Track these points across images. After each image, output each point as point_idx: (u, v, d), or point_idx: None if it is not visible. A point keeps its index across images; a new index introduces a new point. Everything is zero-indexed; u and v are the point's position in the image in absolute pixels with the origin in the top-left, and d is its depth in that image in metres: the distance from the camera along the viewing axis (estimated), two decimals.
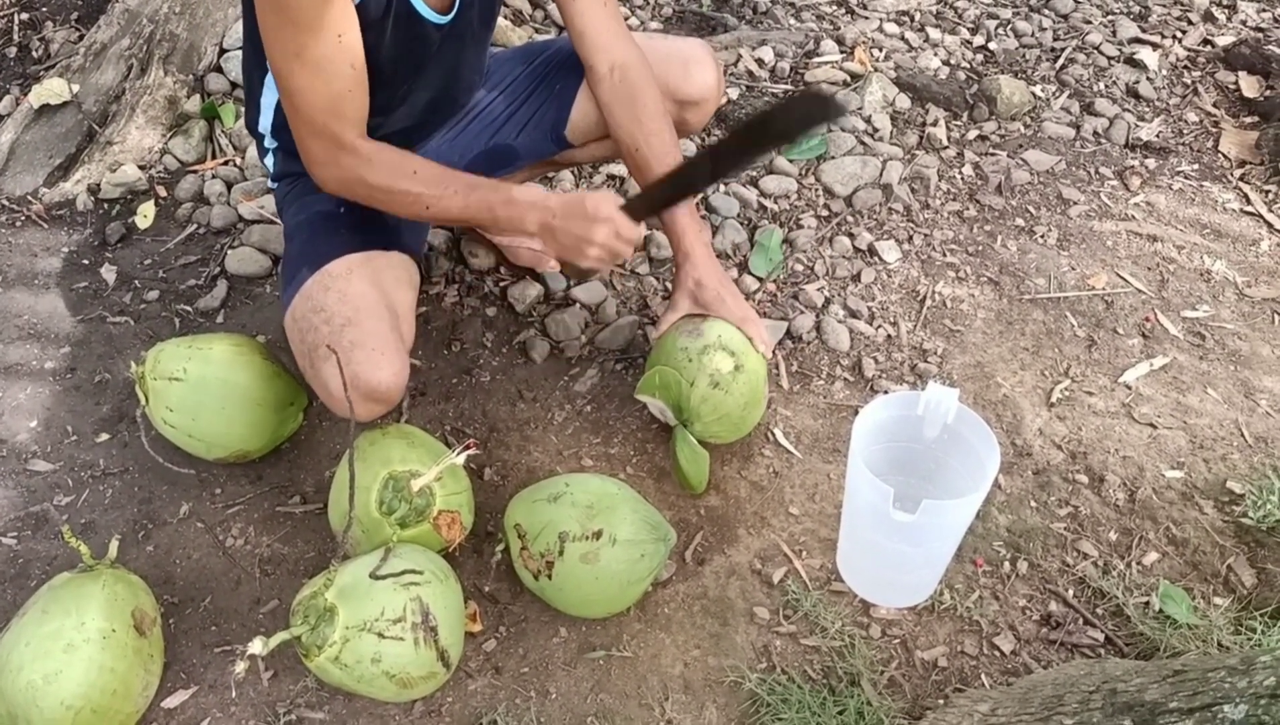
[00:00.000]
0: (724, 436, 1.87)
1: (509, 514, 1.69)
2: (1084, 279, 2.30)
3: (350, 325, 1.61)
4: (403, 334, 1.68)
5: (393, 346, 1.62)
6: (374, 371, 1.59)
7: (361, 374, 1.58)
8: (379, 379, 1.59)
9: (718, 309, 1.84)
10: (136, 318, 2.20)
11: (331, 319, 1.62)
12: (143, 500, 1.88)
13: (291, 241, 1.80)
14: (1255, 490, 1.85)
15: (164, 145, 2.57)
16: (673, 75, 1.88)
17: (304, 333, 1.65)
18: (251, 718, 1.59)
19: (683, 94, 1.90)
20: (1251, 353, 2.14)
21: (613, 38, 1.77)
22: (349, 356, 1.58)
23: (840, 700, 1.57)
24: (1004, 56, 2.92)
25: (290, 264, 1.75)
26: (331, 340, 1.59)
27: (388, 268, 1.72)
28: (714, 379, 1.77)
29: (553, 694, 1.62)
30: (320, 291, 1.65)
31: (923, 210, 2.45)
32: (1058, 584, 1.75)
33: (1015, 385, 2.06)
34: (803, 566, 1.77)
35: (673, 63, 1.88)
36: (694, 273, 1.85)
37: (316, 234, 1.74)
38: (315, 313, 1.64)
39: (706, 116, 1.98)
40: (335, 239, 1.71)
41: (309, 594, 1.47)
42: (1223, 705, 1.15)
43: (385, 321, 1.64)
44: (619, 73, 1.78)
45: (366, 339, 1.60)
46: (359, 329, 1.61)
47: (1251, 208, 2.50)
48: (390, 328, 1.64)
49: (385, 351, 1.61)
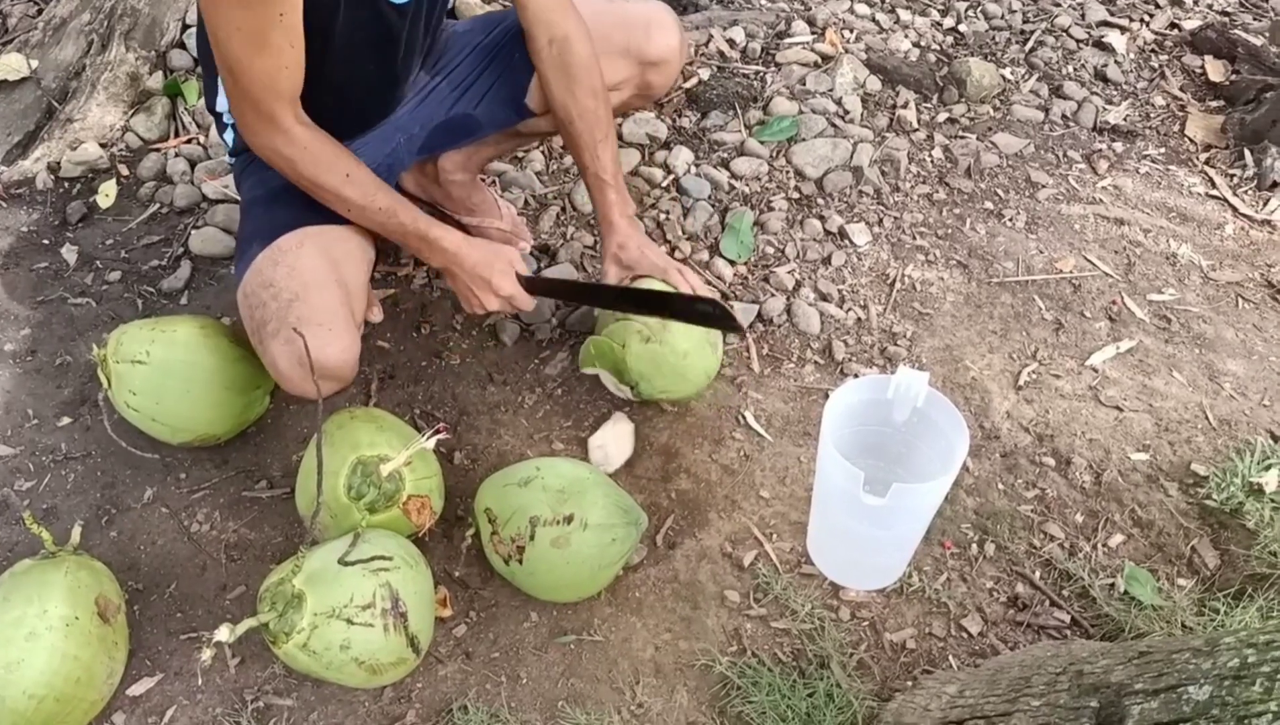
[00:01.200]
0: (675, 390, 1.88)
1: (479, 498, 1.68)
2: (1052, 262, 2.31)
3: (298, 301, 1.59)
4: (354, 309, 1.67)
5: (341, 321, 1.61)
6: (321, 347, 1.57)
7: (310, 350, 1.56)
8: (327, 355, 1.58)
9: (641, 266, 1.86)
10: (98, 299, 2.17)
11: (279, 295, 1.60)
12: (106, 485, 1.86)
13: (246, 216, 1.78)
14: (1219, 473, 1.88)
15: (126, 123, 2.53)
16: (635, 37, 1.89)
17: (253, 308, 1.64)
18: (218, 705, 1.58)
19: (646, 55, 1.90)
20: (1216, 336, 2.17)
21: (555, 11, 1.76)
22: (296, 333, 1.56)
23: (810, 682, 1.58)
24: (974, 39, 2.92)
25: (244, 239, 1.74)
26: (279, 316, 1.58)
27: (340, 241, 1.71)
28: (642, 334, 1.80)
29: (523, 679, 1.61)
30: (270, 266, 1.64)
31: (893, 193, 2.46)
32: (1024, 566, 1.77)
33: (983, 368, 2.07)
34: (773, 550, 1.77)
35: (635, 25, 1.89)
36: (616, 238, 1.87)
37: (270, 208, 1.73)
38: (264, 288, 1.62)
39: (671, 78, 1.98)
40: (288, 213, 1.69)
41: (276, 580, 1.45)
42: (1187, 686, 1.16)
43: (335, 296, 1.63)
44: (557, 46, 1.77)
45: (314, 315, 1.59)
46: (306, 305, 1.59)
47: (1216, 192, 2.53)
48: (340, 302, 1.63)
49: (334, 327, 1.59)
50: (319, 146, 1.60)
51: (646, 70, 1.92)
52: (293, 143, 1.58)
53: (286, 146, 1.58)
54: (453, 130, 1.95)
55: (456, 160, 2.08)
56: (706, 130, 2.57)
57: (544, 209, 2.37)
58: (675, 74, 1.98)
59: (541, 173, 2.46)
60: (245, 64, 1.48)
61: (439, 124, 1.92)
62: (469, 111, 1.92)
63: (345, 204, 1.65)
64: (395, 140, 1.87)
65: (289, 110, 1.56)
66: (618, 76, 1.92)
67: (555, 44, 1.77)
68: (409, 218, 1.69)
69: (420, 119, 1.90)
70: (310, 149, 1.59)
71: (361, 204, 1.65)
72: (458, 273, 1.74)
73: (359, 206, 1.65)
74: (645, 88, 1.96)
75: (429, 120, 1.91)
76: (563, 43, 1.77)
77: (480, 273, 1.73)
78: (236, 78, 1.51)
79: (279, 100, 1.54)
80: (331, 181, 1.62)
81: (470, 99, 1.92)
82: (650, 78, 1.93)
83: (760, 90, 2.67)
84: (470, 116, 1.94)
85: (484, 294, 1.75)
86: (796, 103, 2.62)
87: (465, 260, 1.72)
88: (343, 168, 1.62)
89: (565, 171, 2.47)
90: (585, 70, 1.79)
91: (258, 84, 1.51)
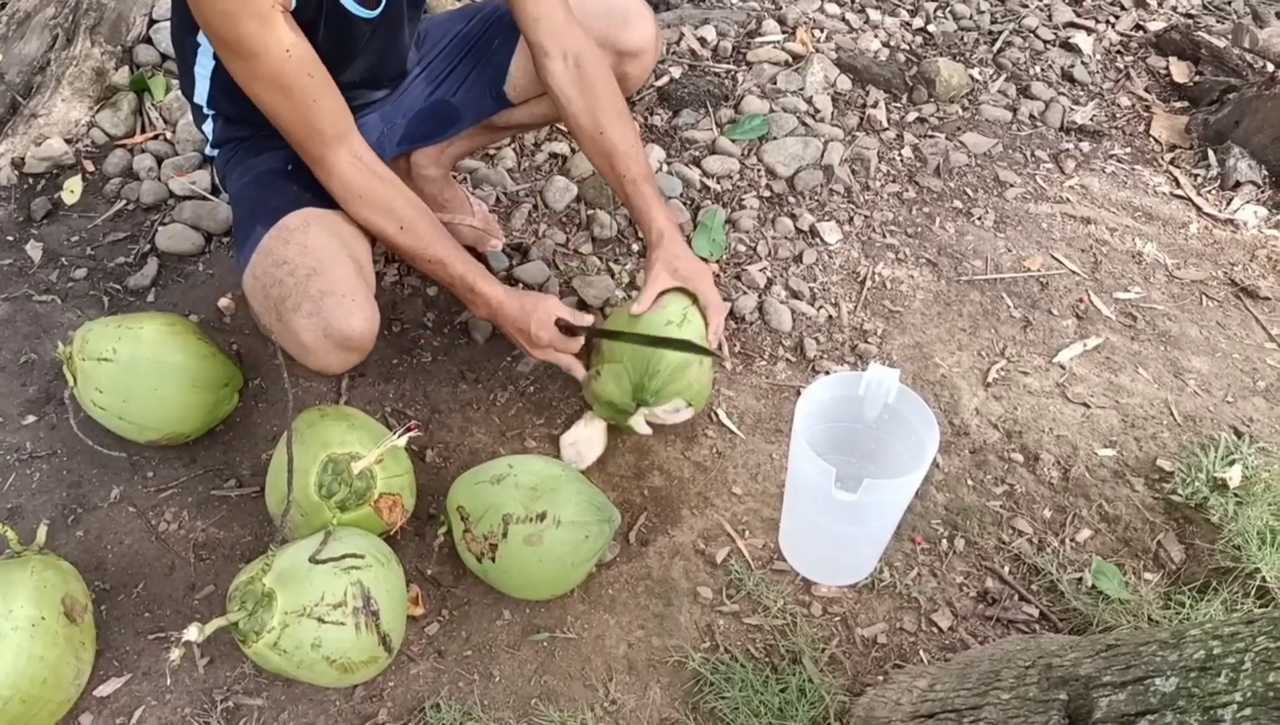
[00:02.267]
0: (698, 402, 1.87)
1: (451, 496, 1.67)
2: (1020, 261, 2.33)
3: (316, 275, 1.58)
4: (367, 282, 1.67)
5: (362, 293, 1.61)
6: (347, 318, 1.57)
7: (334, 322, 1.56)
8: (352, 326, 1.58)
9: (694, 283, 1.83)
10: (64, 296, 2.14)
11: (296, 271, 1.59)
12: (72, 484, 1.83)
13: (240, 203, 1.77)
14: (1184, 468, 1.90)
15: (91, 118, 2.49)
16: (613, 28, 1.89)
17: (267, 288, 1.62)
18: (187, 705, 1.56)
19: (623, 45, 1.90)
20: (1181, 333, 2.20)
21: (567, 25, 1.76)
22: (319, 305, 1.56)
23: (782, 678, 1.59)
24: (943, 39, 2.94)
25: (243, 225, 1.72)
26: (299, 291, 1.57)
27: (343, 221, 1.70)
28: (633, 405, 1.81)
29: (496, 677, 1.61)
30: (280, 245, 1.62)
31: (863, 191, 2.47)
32: (994, 561, 1.78)
33: (953, 365, 2.09)
34: (745, 546, 1.78)
35: (613, 17, 1.89)
36: (671, 248, 1.84)
37: (266, 192, 1.72)
38: (278, 266, 1.61)
39: (646, 70, 1.99)
40: (287, 194, 1.69)
41: (246, 579, 1.44)
42: (1154, 678, 1.18)
43: (350, 269, 1.62)
44: (574, 60, 1.77)
45: (335, 287, 1.58)
46: (325, 278, 1.58)
47: (1181, 191, 2.56)
48: (356, 274, 1.63)
49: (356, 297, 1.59)
50: (375, 195, 1.63)
51: (624, 60, 1.92)
52: (346, 188, 1.61)
53: (340, 191, 1.61)
54: (433, 119, 1.95)
55: (429, 155, 2.08)
56: (678, 128, 2.58)
57: (516, 206, 2.36)
58: (651, 65, 1.98)
59: (513, 170, 2.45)
60: (276, 109, 1.52)
61: (419, 110, 1.93)
62: (448, 99, 1.93)
63: (396, 250, 1.69)
64: (379, 129, 1.88)
65: (338, 151, 1.58)
66: None
67: (571, 57, 1.77)
68: (459, 270, 1.71)
69: (402, 108, 1.91)
70: (365, 197, 1.62)
71: (413, 254, 1.68)
72: (501, 325, 1.79)
73: (409, 255, 1.69)
74: (621, 79, 1.96)
75: (410, 108, 1.92)
76: (579, 57, 1.77)
77: (519, 326, 1.76)
78: (279, 125, 1.54)
79: (322, 142, 1.56)
80: (388, 230, 1.65)
81: (449, 87, 1.92)
82: (627, 68, 1.94)
83: (731, 89, 2.68)
84: (449, 104, 1.94)
85: (526, 345, 1.80)
86: (767, 101, 2.63)
87: (503, 314, 1.75)
88: (398, 217, 1.65)
89: (537, 169, 2.46)
90: (607, 81, 1.80)
91: (295, 127, 1.54)
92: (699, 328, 1.79)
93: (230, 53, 1.47)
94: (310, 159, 1.59)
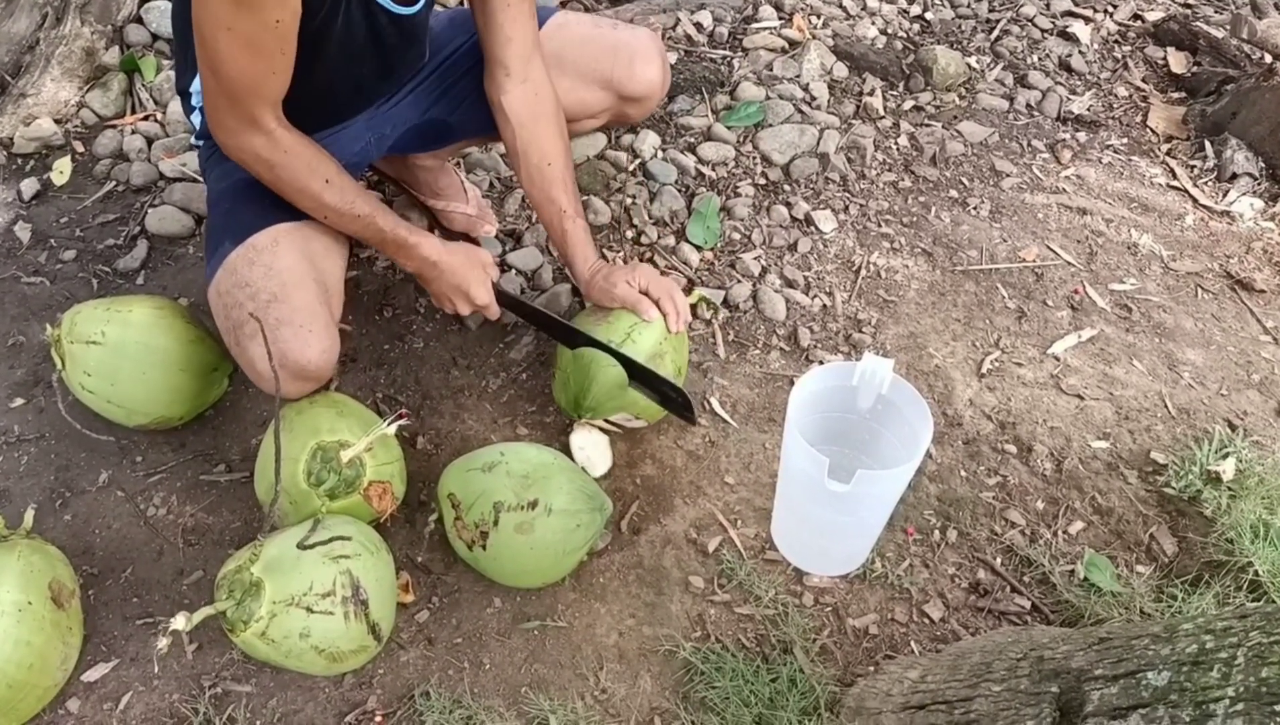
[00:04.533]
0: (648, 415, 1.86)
1: (443, 483, 1.66)
2: (1015, 251, 2.32)
3: (276, 301, 1.57)
4: (332, 307, 1.65)
5: (321, 322, 1.59)
6: (302, 349, 1.55)
7: (289, 352, 1.54)
8: (308, 358, 1.56)
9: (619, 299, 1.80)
10: (52, 278, 2.12)
11: (257, 295, 1.57)
12: (60, 468, 1.82)
13: (215, 208, 1.74)
14: (1177, 461, 1.90)
15: (81, 99, 2.47)
16: (619, 70, 1.86)
17: (229, 309, 1.61)
18: (175, 691, 1.55)
19: (627, 90, 1.88)
20: (1175, 325, 2.19)
21: (536, 56, 1.74)
22: (275, 334, 1.54)
23: (773, 668, 1.58)
24: (940, 27, 2.93)
25: (214, 234, 1.70)
26: (257, 316, 1.55)
27: (316, 236, 1.68)
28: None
29: (486, 665, 1.60)
30: (245, 266, 1.60)
31: (859, 180, 2.46)
32: (986, 552, 1.78)
33: (947, 356, 2.08)
34: (737, 536, 1.77)
35: (619, 56, 1.86)
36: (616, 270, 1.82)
37: (240, 202, 1.68)
38: (240, 288, 1.59)
39: (648, 112, 1.98)
40: (259, 207, 1.65)
41: (234, 568, 1.43)
42: (1146, 672, 1.18)
43: (313, 295, 1.60)
44: (534, 88, 1.75)
45: (294, 316, 1.56)
46: (285, 305, 1.57)
47: (1177, 182, 2.55)
48: (318, 301, 1.60)
49: (314, 328, 1.57)
50: (300, 150, 1.57)
51: (626, 103, 1.91)
52: (275, 146, 1.54)
53: (267, 150, 1.55)
54: (425, 135, 1.92)
55: None
56: (673, 115, 2.56)
57: (509, 192, 2.35)
58: (652, 109, 1.98)
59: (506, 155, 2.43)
60: (231, 65, 1.43)
61: (412, 126, 1.88)
62: (444, 118, 1.88)
63: (323, 210, 1.62)
64: (365, 139, 1.82)
65: (271, 113, 1.52)
66: (595, 107, 1.91)
67: (531, 84, 1.74)
68: (388, 224, 1.67)
69: (393, 119, 1.85)
70: (291, 153, 1.56)
71: (340, 210, 1.63)
72: (436, 278, 1.75)
73: (336, 212, 1.63)
74: (621, 117, 1.95)
75: (402, 122, 1.86)
76: (538, 84, 1.75)
77: (459, 281, 1.74)
78: (220, 78, 1.46)
79: (262, 103, 1.50)
80: (312, 187, 1.59)
81: (448, 105, 1.87)
82: (628, 110, 1.93)
83: (727, 75, 2.66)
84: (445, 123, 1.89)
85: (459, 300, 1.77)
86: (763, 88, 2.62)
87: (445, 267, 1.73)
88: (323, 173, 1.59)
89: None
90: (559, 117, 1.78)
91: (242, 86, 1.46)
92: (645, 346, 1.77)
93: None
94: (241, 115, 1.50)
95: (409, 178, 2.15)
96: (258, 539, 1.44)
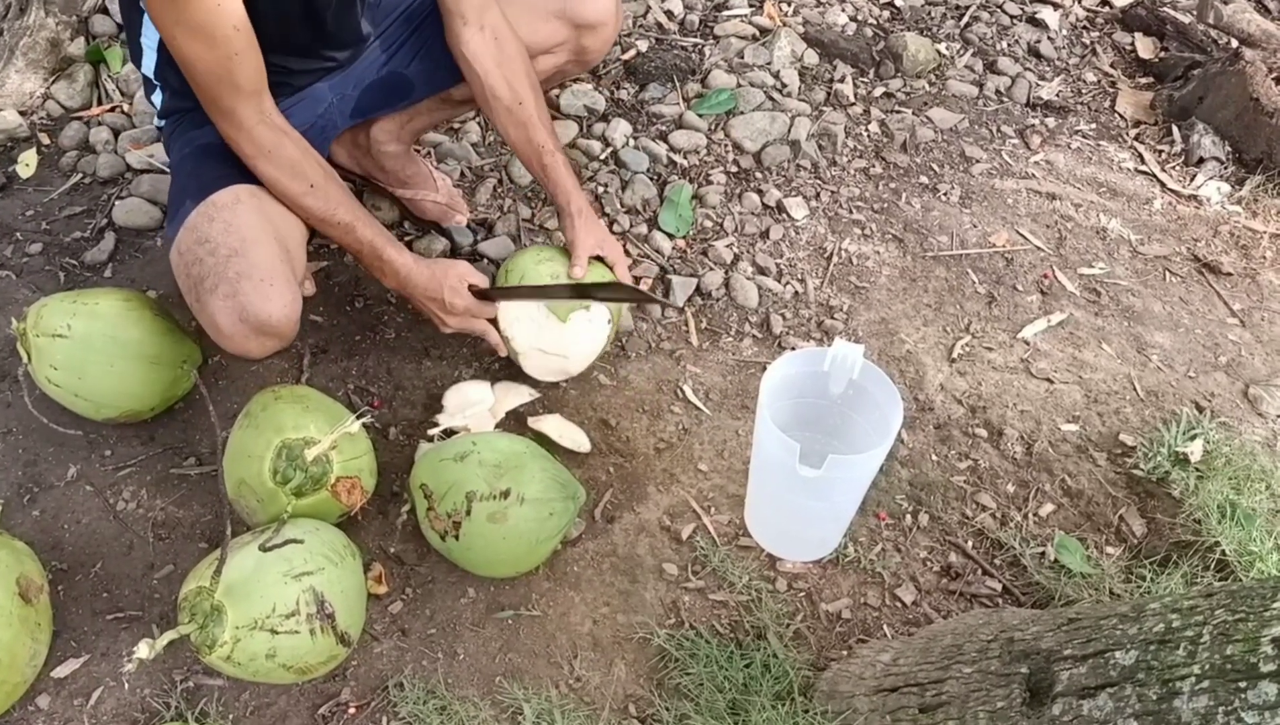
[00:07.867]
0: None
1: (415, 474, 1.66)
2: (985, 236, 2.33)
3: (236, 255, 1.55)
4: (294, 266, 1.63)
5: (282, 277, 1.57)
6: (263, 303, 1.53)
7: (250, 306, 1.52)
8: (268, 311, 1.53)
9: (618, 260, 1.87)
10: (18, 272, 2.10)
11: (217, 250, 1.55)
12: (27, 463, 1.80)
13: (177, 175, 1.73)
14: (1146, 443, 1.92)
15: (46, 90, 2.44)
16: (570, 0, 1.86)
17: (189, 266, 1.58)
18: (146, 686, 1.54)
19: (580, 17, 1.88)
20: (1144, 309, 2.21)
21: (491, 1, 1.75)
22: (235, 288, 1.52)
23: (747, 653, 1.59)
24: (910, 14, 2.93)
25: (175, 197, 1.69)
26: (217, 272, 1.53)
27: (276, 201, 1.67)
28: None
29: (460, 655, 1.60)
30: (205, 222, 1.59)
31: (830, 167, 2.46)
32: (957, 535, 1.79)
33: (918, 341, 2.09)
34: (711, 522, 1.78)
35: None
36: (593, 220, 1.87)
37: (201, 165, 1.68)
38: (200, 244, 1.57)
39: (606, 43, 1.96)
40: (221, 169, 1.64)
41: (195, 588, 1.40)
42: (1114, 652, 1.19)
43: (274, 252, 1.58)
44: (491, 31, 1.75)
45: (253, 270, 1.54)
46: (245, 260, 1.54)
47: (1145, 167, 2.57)
48: (279, 258, 1.59)
49: (275, 282, 1.55)
50: (283, 151, 1.57)
51: (581, 34, 1.89)
52: (254, 143, 1.55)
53: (248, 147, 1.55)
54: (386, 90, 1.91)
55: (389, 130, 2.04)
56: (645, 103, 2.56)
57: (480, 181, 2.34)
58: (611, 38, 1.96)
59: (478, 144, 2.43)
60: (195, 60, 1.45)
61: (371, 83, 1.88)
62: (402, 71, 1.88)
63: (304, 212, 1.63)
64: (327, 100, 1.82)
65: (250, 106, 1.52)
66: (551, 40, 1.90)
67: (489, 29, 1.75)
68: (367, 235, 1.67)
69: (354, 79, 1.86)
70: (274, 153, 1.56)
71: (321, 216, 1.63)
72: (411, 295, 1.75)
73: (318, 218, 1.63)
74: (580, 53, 1.94)
75: (362, 80, 1.87)
76: (495, 28, 1.75)
77: (430, 294, 1.73)
78: (193, 74, 1.48)
79: (236, 94, 1.50)
80: (294, 189, 1.60)
81: (402, 58, 1.88)
82: (585, 42, 1.91)
83: (699, 63, 2.66)
84: (403, 76, 1.90)
85: (441, 314, 1.76)
86: (735, 76, 2.61)
87: (414, 282, 1.72)
88: (308, 177, 1.60)
89: (502, 143, 2.43)
90: (523, 56, 1.78)
91: (210, 77, 1.47)
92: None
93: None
94: (220, 112, 1.53)
95: (375, 168, 2.13)
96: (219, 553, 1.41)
